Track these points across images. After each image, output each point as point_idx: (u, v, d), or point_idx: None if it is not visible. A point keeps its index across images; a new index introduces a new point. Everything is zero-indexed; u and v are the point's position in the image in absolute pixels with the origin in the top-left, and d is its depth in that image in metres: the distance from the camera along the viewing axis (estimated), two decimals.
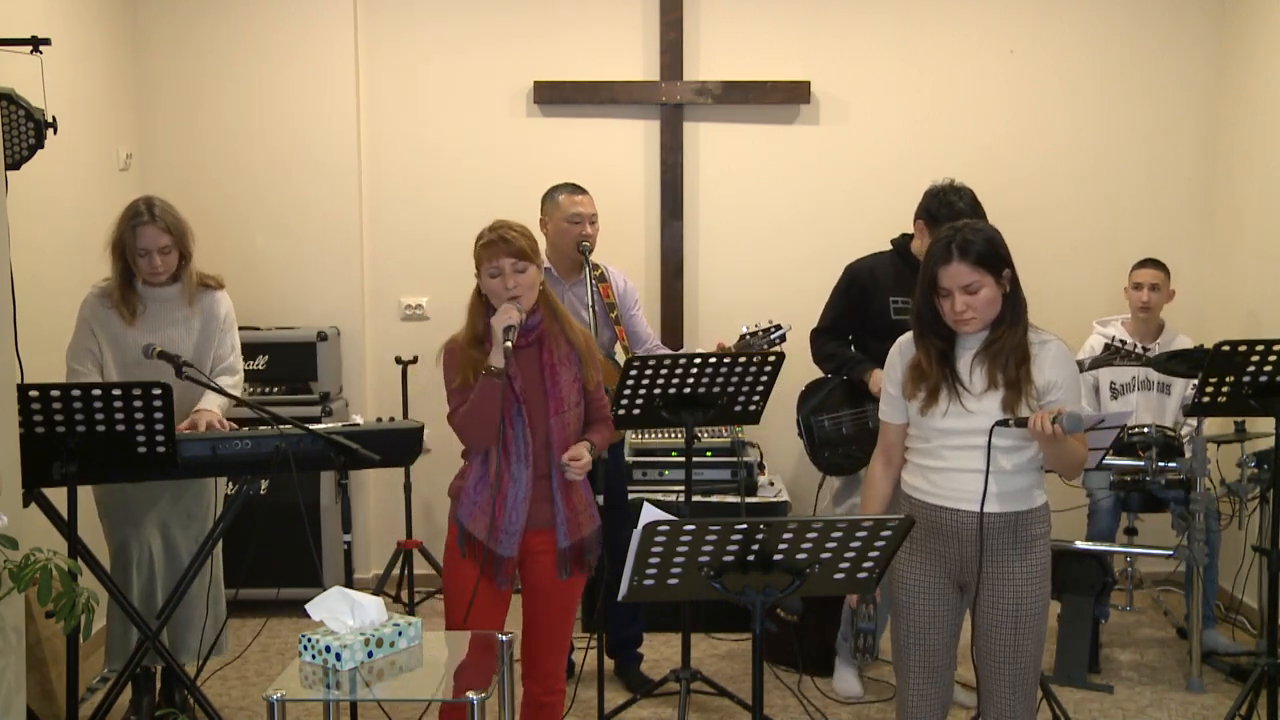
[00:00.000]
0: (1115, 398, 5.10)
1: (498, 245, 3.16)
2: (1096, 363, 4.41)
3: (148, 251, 3.85)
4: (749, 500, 5.05)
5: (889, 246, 4.38)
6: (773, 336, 4.14)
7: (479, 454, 3.24)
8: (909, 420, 3.09)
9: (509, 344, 3.07)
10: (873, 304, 4.27)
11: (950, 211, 4.05)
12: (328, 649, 2.72)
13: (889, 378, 3.13)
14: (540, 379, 3.21)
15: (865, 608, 3.16)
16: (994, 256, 2.93)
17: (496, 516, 3.19)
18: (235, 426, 3.83)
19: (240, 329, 4.16)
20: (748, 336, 4.18)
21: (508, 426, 3.18)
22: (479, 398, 3.14)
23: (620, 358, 4.41)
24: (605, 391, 3.43)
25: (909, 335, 3.09)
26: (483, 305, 3.25)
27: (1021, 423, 2.87)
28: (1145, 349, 4.34)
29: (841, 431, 4.33)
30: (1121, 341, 4.34)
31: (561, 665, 3.39)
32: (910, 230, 4.27)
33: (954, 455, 2.98)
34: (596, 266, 4.48)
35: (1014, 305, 2.98)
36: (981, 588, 2.99)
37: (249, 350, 5.20)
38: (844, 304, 4.36)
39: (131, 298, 3.90)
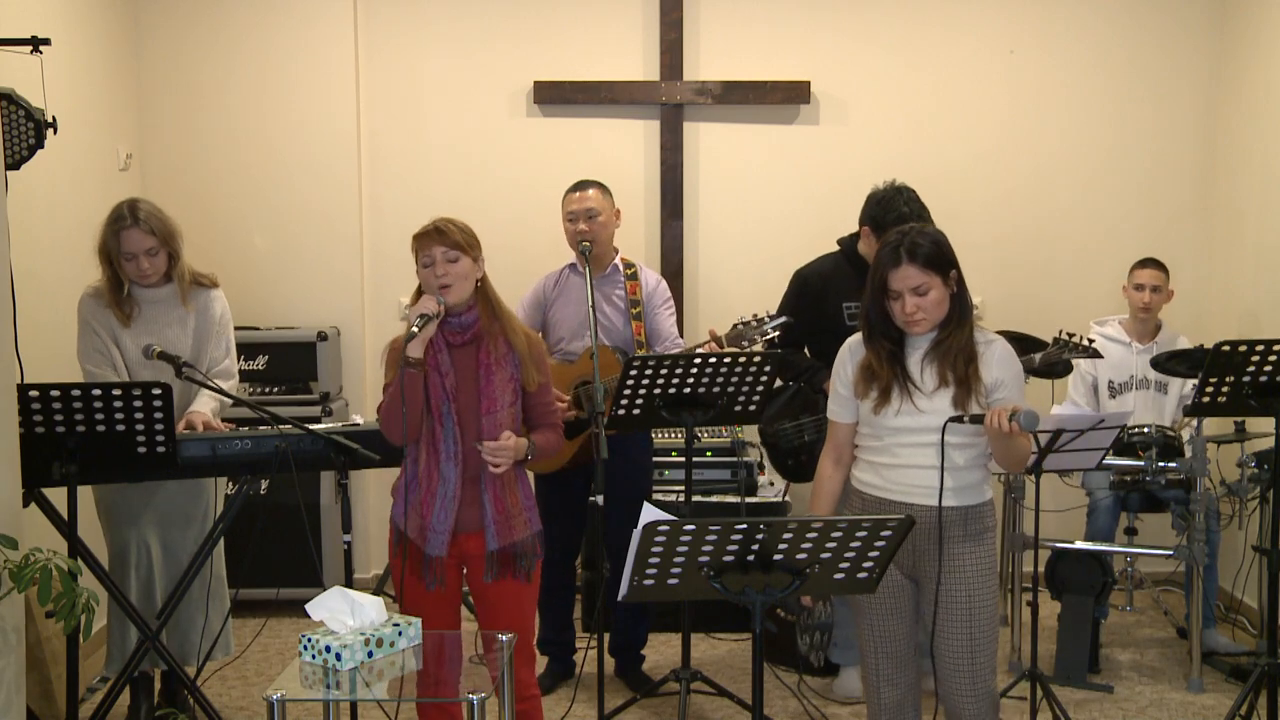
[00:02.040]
0: (1113, 396, 5.10)
1: (431, 235, 3.19)
2: (1046, 357, 4.40)
3: (133, 255, 3.84)
4: (749, 500, 5.05)
5: (836, 247, 4.40)
6: (766, 327, 4.14)
7: (410, 453, 3.24)
8: (858, 419, 3.16)
9: (415, 329, 3.07)
10: (826, 309, 4.27)
11: (895, 216, 4.08)
12: (328, 649, 2.72)
13: (838, 377, 3.19)
14: (475, 377, 3.20)
15: (822, 605, 3.19)
16: (941, 258, 3.01)
17: (425, 515, 3.19)
18: (232, 428, 3.83)
19: (240, 329, 4.15)
20: (740, 325, 4.19)
21: (437, 424, 3.18)
22: (395, 388, 3.15)
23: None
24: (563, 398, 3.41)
25: (858, 336, 3.16)
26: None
27: (976, 419, 2.94)
28: (1091, 341, 4.34)
29: (804, 438, 4.35)
30: (1069, 334, 4.34)
31: (527, 671, 3.33)
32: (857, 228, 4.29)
33: (906, 452, 3.05)
34: (630, 265, 4.51)
35: (961, 305, 3.06)
36: (927, 583, 3.06)
37: (249, 350, 5.23)
38: (796, 311, 4.31)
39: (126, 301, 3.89)
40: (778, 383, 4.38)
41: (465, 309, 3.21)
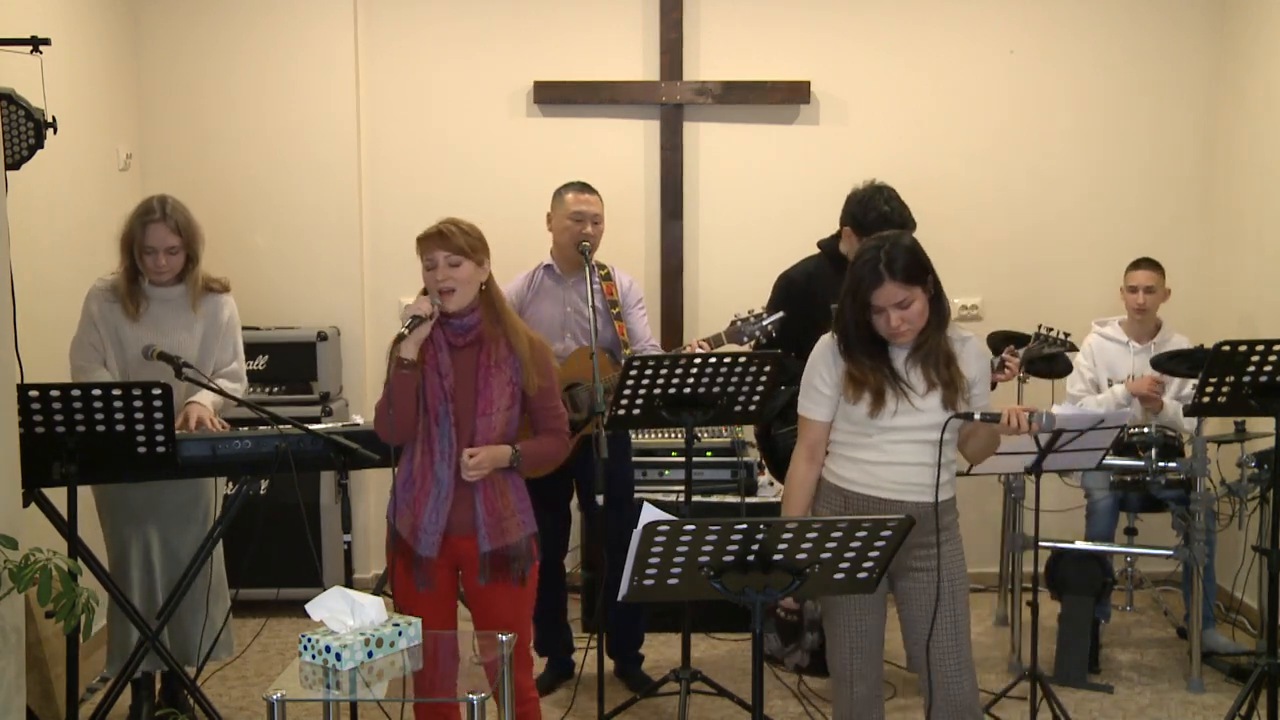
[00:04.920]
0: None
1: (434, 238, 3.19)
2: (1029, 352, 4.38)
3: (154, 250, 3.85)
4: (749, 500, 5.05)
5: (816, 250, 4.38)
6: (765, 322, 4.13)
7: (407, 451, 3.23)
8: (836, 417, 3.13)
9: (406, 331, 3.08)
10: (813, 310, 4.22)
11: (877, 216, 4.06)
12: (328, 649, 2.72)
13: (820, 377, 3.13)
14: (473, 379, 3.19)
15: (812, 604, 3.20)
16: (920, 269, 3.01)
17: (417, 515, 3.18)
18: (226, 425, 3.82)
19: (241, 329, 4.15)
20: (738, 322, 4.17)
21: (433, 424, 3.17)
22: (389, 388, 3.15)
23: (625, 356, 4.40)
24: (565, 403, 3.40)
25: (831, 336, 3.13)
26: None
27: (990, 417, 3.00)
28: (1066, 335, 4.33)
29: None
30: (1049, 329, 4.33)
31: (525, 675, 3.31)
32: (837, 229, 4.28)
33: (898, 449, 3.06)
34: (603, 266, 4.48)
35: (938, 309, 3.08)
36: (920, 574, 3.09)
37: (249, 350, 5.19)
38: (782, 312, 4.29)
39: (136, 294, 3.89)
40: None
41: (467, 311, 3.20)
